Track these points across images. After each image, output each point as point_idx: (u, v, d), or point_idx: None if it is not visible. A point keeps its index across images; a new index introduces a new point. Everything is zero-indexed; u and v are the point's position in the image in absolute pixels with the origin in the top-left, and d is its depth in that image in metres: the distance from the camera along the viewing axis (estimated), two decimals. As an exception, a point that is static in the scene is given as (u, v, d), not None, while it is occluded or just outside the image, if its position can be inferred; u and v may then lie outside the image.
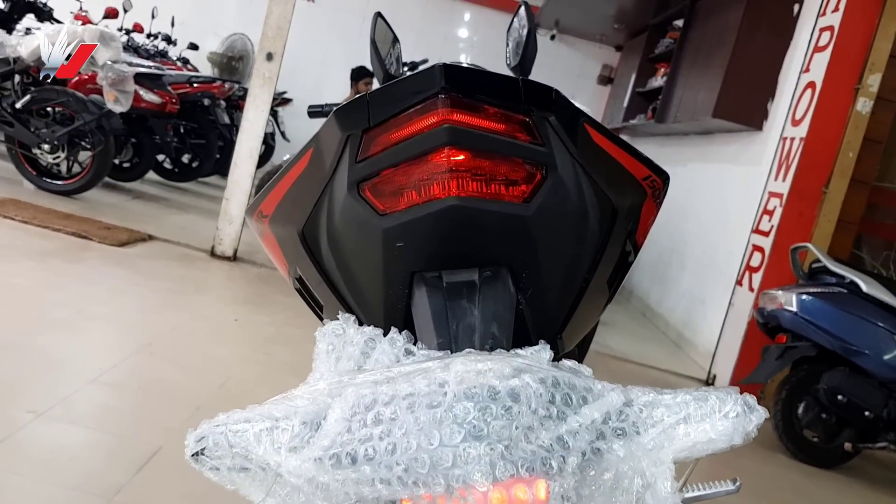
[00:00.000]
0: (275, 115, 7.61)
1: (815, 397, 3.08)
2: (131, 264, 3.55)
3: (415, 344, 0.78)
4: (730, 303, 4.15)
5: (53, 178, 4.63)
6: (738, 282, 4.11)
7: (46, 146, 4.44)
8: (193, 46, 7.87)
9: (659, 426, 0.67)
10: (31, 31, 4.73)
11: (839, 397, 2.99)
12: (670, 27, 6.36)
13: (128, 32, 7.22)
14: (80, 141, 4.57)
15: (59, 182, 4.61)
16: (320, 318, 1.03)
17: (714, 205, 4.94)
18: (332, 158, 0.85)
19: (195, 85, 6.05)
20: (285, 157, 5.07)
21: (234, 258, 4.12)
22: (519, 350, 0.74)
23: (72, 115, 4.51)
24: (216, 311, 3.32)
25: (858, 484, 3.15)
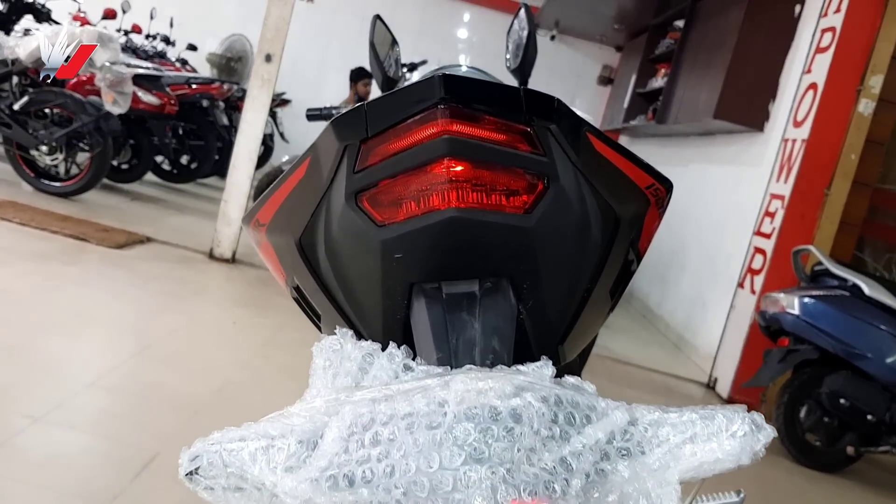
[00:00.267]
0: (273, 116, 7.60)
1: (817, 401, 3.07)
2: (129, 266, 3.54)
3: (414, 359, 0.77)
4: (731, 305, 4.13)
5: (51, 180, 4.61)
6: (740, 284, 4.09)
7: (44, 148, 4.43)
8: (192, 47, 7.87)
9: (665, 446, 0.65)
10: (29, 32, 4.72)
11: (841, 401, 2.97)
12: (671, 27, 6.34)
13: (126, 33, 7.22)
14: (79, 142, 4.55)
15: (57, 184, 4.60)
16: (318, 327, 1.02)
17: (715, 206, 4.92)
18: (329, 168, 0.84)
19: (194, 86, 6.04)
20: (284, 158, 5.06)
21: (232, 260, 4.10)
22: (520, 366, 0.72)
23: (70, 117, 4.49)
24: (214, 314, 3.31)
25: (861, 488, 3.14)
